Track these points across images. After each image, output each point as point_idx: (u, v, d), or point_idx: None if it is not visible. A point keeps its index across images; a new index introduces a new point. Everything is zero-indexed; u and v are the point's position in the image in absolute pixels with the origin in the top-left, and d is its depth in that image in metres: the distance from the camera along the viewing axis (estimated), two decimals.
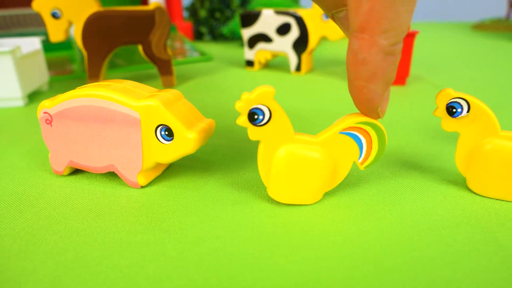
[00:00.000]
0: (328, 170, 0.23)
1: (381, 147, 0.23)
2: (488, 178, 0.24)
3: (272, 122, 0.22)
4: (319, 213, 0.23)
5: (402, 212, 0.23)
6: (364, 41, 0.19)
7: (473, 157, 0.24)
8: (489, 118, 0.23)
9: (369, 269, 0.18)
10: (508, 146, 0.23)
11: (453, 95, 0.23)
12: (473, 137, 0.24)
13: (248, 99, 0.21)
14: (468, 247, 0.20)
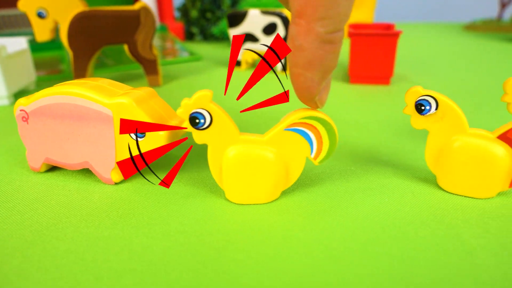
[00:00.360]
0: (278, 167, 0.23)
1: (332, 141, 0.23)
2: (456, 176, 0.24)
3: (214, 125, 0.22)
4: (283, 210, 0.23)
5: (369, 209, 0.23)
6: (301, 27, 0.18)
7: (442, 155, 0.25)
8: (457, 115, 0.24)
9: (328, 264, 0.19)
10: (476, 143, 0.24)
11: (421, 93, 0.24)
12: (442, 134, 0.24)
13: (187, 104, 0.21)
14: (430, 243, 0.20)
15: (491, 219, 0.22)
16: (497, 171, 0.23)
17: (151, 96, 0.26)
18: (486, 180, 0.24)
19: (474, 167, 0.24)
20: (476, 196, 0.24)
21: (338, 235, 0.21)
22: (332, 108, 0.42)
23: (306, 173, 0.27)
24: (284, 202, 0.24)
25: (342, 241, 0.20)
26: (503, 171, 0.23)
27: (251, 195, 0.24)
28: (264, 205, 0.24)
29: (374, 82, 0.51)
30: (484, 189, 0.24)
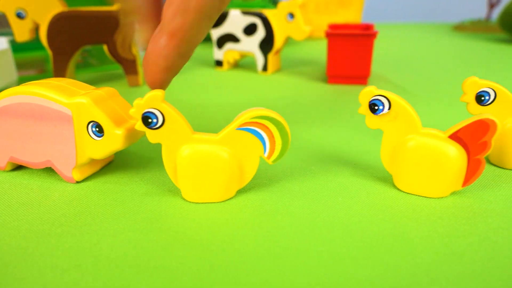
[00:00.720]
0: (231, 166, 0.23)
1: (284, 141, 0.24)
2: (410, 175, 0.25)
3: (166, 124, 0.23)
4: (236, 208, 0.24)
5: (320, 208, 0.24)
6: None
7: (396, 155, 0.25)
8: (410, 115, 0.24)
9: (272, 263, 0.19)
10: (428, 143, 0.24)
11: (374, 93, 0.24)
12: (396, 134, 0.25)
13: (139, 104, 0.22)
14: (374, 242, 0.20)
15: (440, 218, 0.23)
16: (449, 171, 0.24)
17: (111, 96, 0.27)
18: (439, 179, 0.24)
19: (426, 167, 0.24)
20: (430, 196, 0.25)
21: (285, 234, 0.21)
22: (307, 108, 0.43)
23: (265, 172, 0.28)
24: (238, 200, 0.24)
25: (288, 240, 0.21)
26: (455, 170, 0.24)
27: (206, 193, 0.24)
28: (218, 204, 0.24)
29: (352, 82, 0.51)
30: (437, 189, 0.24)
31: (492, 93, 0.27)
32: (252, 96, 0.48)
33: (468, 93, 0.28)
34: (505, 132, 0.28)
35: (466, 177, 0.24)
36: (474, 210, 0.23)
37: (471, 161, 0.24)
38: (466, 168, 0.24)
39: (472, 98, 0.28)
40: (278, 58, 0.59)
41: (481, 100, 0.28)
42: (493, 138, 0.23)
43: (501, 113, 0.28)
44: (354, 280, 0.18)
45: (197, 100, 0.46)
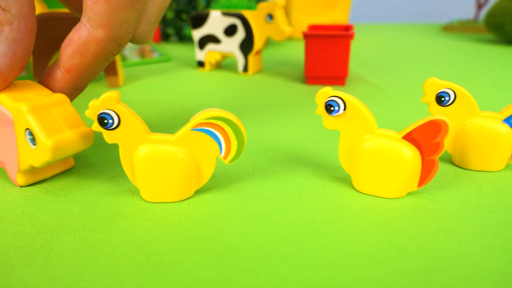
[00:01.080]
0: (187, 166, 0.24)
1: (240, 141, 0.24)
2: (367, 176, 0.25)
3: (122, 125, 0.23)
4: (192, 208, 0.24)
5: (275, 208, 0.24)
6: None
7: (353, 155, 0.25)
8: (364, 116, 0.24)
9: (217, 262, 0.19)
10: (383, 144, 0.24)
11: (330, 94, 0.24)
12: (352, 135, 0.25)
13: (94, 106, 0.22)
14: (324, 242, 0.21)
15: (392, 219, 0.23)
16: (403, 172, 0.24)
17: (57, 104, 0.26)
18: (394, 180, 0.24)
19: (381, 168, 0.24)
20: (386, 196, 0.25)
21: (235, 234, 0.22)
22: (281, 109, 0.43)
23: (227, 173, 0.28)
24: (195, 200, 0.25)
25: (237, 239, 0.21)
26: (409, 171, 0.24)
27: (163, 193, 0.24)
28: (175, 203, 0.24)
29: (330, 83, 0.52)
30: (393, 190, 0.25)
31: (452, 94, 0.28)
32: (229, 97, 0.48)
33: (428, 93, 0.28)
34: (465, 132, 0.28)
35: (421, 178, 0.24)
36: (428, 211, 0.24)
37: (425, 162, 0.24)
38: (420, 169, 0.24)
39: (433, 99, 0.28)
40: (259, 59, 0.59)
41: (441, 100, 0.28)
42: (445, 138, 0.23)
43: (462, 113, 0.28)
44: (297, 280, 0.18)
45: (176, 101, 0.47)
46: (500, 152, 0.28)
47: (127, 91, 0.51)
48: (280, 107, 0.43)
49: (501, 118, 0.28)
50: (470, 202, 0.24)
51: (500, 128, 0.28)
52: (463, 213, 0.23)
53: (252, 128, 0.37)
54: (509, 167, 0.29)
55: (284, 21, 0.52)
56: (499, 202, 0.24)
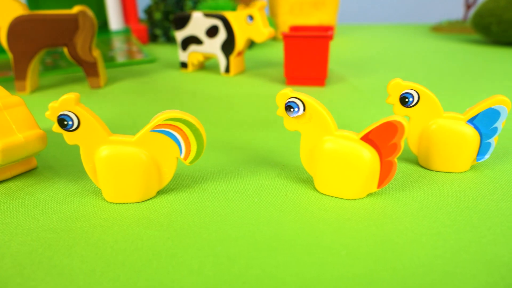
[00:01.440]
0: (147, 167, 0.24)
1: (199, 142, 0.24)
2: (326, 177, 0.25)
3: (82, 126, 0.23)
4: (152, 209, 0.24)
5: (234, 208, 0.24)
6: None
7: (313, 156, 0.25)
8: (323, 117, 0.25)
9: (166, 262, 0.20)
10: (342, 145, 0.24)
11: (289, 95, 0.25)
12: (312, 136, 0.25)
13: (53, 107, 0.22)
14: (275, 243, 0.21)
15: (348, 220, 0.23)
16: (362, 173, 0.24)
17: (10, 106, 0.26)
18: (353, 181, 0.24)
19: (340, 169, 0.24)
20: (346, 197, 0.25)
21: (188, 234, 0.22)
22: (256, 110, 0.43)
23: (192, 173, 0.28)
24: (156, 201, 0.25)
25: (190, 239, 0.21)
26: (367, 172, 0.24)
27: (124, 194, 0.24)
28: (136, 204, 0.25)
29: (309, 84, 0.52)
30: (352, 191, 0.25)
31: (416, 95, 0.28)
32: (204, 98, 0.48)
33: (392, 94, 0.29)
34: (430, 134, 0.28)
35: (380, 179, 0.25)
36: (385, 212, 0.24)
37: (383, 163, 0.24)
38: (379, 170, 0.24)
39: (397, 100, 0.28)
40: (241, 60, 0.60)
41: (405, 101, 0.28)
42: (402, 139, 0.23)
43: (426, 114, 0.28)
44: (243, 280, 0.18)
45: (155, 101, 0.47)
46: (464, 153, 0.28)
47: (108, 92, 0.51)
48: (255, 108, 0.44)
49: (465, 119, 0.28)
50: (429, 203, 0.24)
51: (464, 129, 0.28)
52: (420, 214, 0.23)
53: (222, 129, 0.38)
54: (474, 168, 0.29)
55: (264, 23, 0.52)
56: (458, 203, 0.24)
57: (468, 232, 0.22)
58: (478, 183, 0.27)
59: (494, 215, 0.23)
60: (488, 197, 0.25)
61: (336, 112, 0.42)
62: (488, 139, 0.28)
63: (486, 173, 0.28)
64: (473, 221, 0.23)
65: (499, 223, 0.22)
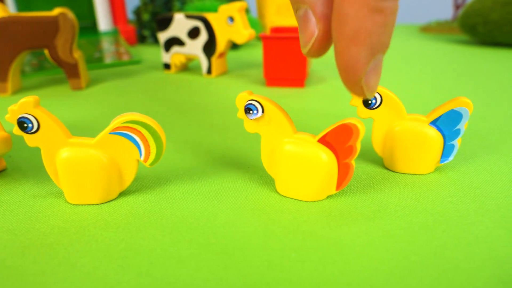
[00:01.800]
0: (108, 169, 0.24)
1: (158, 144, 0.24)
2: (286, 179, 0.25)
3: (42, 129, 0.23)
4: (111, 211, 0.25)
5: (191, 210, 0.24)
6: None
7: (273, 158, 0.26)
8: (282, 120, 0.25)
9: (117, 264, 0.20)
10: (300, 147, 0.24)
11: (248, 98, 0.25)
12: (271, 138, 0.25)
13: (12, 110, 0.23)
14: (226, 246, 0.21)
15: (303, 222, 0.23)
16: (319, 175, 0.24)
17: None
18: (311, 183, 0.25)
19: (299, 171, 0.25)
20: (306, 199, 0.25)
21: (143, 236, 0.22)
22: (230, 112, 0.43)
23: (157, 175, 0.29)
24: (117, 202, 0.25)
25: (144, 241, 0.22)
26: (325, 174, 0.24)
27: (85, 195, 0.25)
28: (97, 205, 0.25)
29: (289, 85, 0.52)
30: (311, 193, 0.25)
31: (378, 97, 0.28)
32: (184, 100, 0.48)
33: (356, 96, 0.29)
34: (394, 135, 0.28)
35: (338, 181, 0.25)
36: (342, 214, 0.24)
37: (340, 165, 0.25)
38: (337, 172, 0.25)
39: (360, 102, 0.29)
40: (223, 61, 0.60)
41: (368, 104, 0.29)
42: (358, 142, 0.24)
43: (389, 116, 0.29)
44: (191, 282, 0.19)
45: (135, 102, 0.47)
46: (427, 155, 0.28)
47: (89, 93, 0.51)
48: (230, 110, 0.44)
49: (428, 121, 0.28)
50: (388, 205, 0.25)
51: (426, 131, 0.28)
52: (377, 216, 0.24)
53: (195, 130, 0.38)
54: (438, 170, 0.29)
55: (244, 24, 0.53)
56: (416, 206, 0.25)
57: (422, 234, 0.22)
58: (439, 185, 0.27)
59: (450, 218, 0.23)
60: (447, 199, 0.25)
61: (313, 113, 0.42)
62: (451, 141, 0.28)
63: (449, 175, 0.28)
64: (429, 223, 0.23)
65: (454, 225, 0.23)
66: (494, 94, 0.49)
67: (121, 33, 0.86)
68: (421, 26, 1.09)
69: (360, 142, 0.24)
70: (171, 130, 0.38)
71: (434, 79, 0.56)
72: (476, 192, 0.26)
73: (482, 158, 0.31)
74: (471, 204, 0.25)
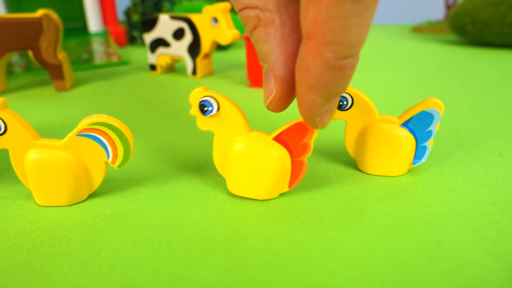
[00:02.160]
0: (76, 171, 0.24)
1: (125, 146, 0.24)
2: (240, 178, 0.25)
3: (9, 131, 0.23)
4: (78, 213, 0.25)
5: (157, 213, 0.24)
6: (309, 49, 0.17)
7: (226, 157, 0.25)
8: (238, 117, 0.24)
9: (80, 266, 0.20)
10: (254, 145, 0.24)
11: (203, 94, 0.24)
12: (225, 136, 0.25)
13: None
14: (185, 249, 0.21)
15: (267, 225, 0.23)
16: (274, 173, 0.24)
17: None
18: (264, 182, 0.25)
19: (252, 169, 0.24)
20: (258, 198, 0.25)
21: (107, 238, 0.22)
22: None
23: (130, 176, 0.29)
24: (85, 204, 0.25)
25: (104, 243, 0.22)
26: (279, 172, 0.24)
27: (54, 197, 0.25)
28: (65, 207, 0.25)
29: None
30: (264, 191, 0.25)
31: (350, 98, 0.28)
32: (165, 101, 0.48)
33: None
34: (365, 137, 0.28)
35: (291, 179, 0.25)
36: (309, 217, 0.24)
37: (294, 163, 0.25)
38: (290, 170, 0.25)
39: None
40: (208, 62, 0.60)
41: (340, 105, 0.29)
42: (312, 140, 0.24)
43: (361, 117, 0.29)
44: (145, 283, 0.19)
45: (118, 103, 0.47)
46: (400, 156, 0.28)
47: (73, 95, 0.51)
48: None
49: (399, 123, 0.28)
50: (356, 207, 0.25)
51: (398, 132, 0.28)
52: (343, 218, 0.24)
53: (172, 131, 0.38)
54: (411, 172, 0.29)
55: (229, 25, 0.53)
56: (384, 208, 0.25)
57: (386, 237, 0.22)
58: (411, 188, 0.27)
59: (417, 220, 0.23)
60: (417, 202, 0.25)
61: (293, 113, 0.42)
62: (424, 142, 0.28)
63: (422, 177, 0.28)
64: (395, 226, 0.23)
65: (420, 228, 0.23)
66: (478, 94, 0.49)
67: (111, 34, 0.86)
68: (413, 27, 1.09)
69: (314, 140, 0.24)
70: (147, 132, 0.38)
71: (420, 80, 0.56)
72: (447, 194, 0.26)
73: (457, 159, 0.31)
74: (440, 207, 0.25)
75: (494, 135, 0.36)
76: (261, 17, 0.19)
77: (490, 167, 0.30)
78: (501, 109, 0.43)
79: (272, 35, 0.19)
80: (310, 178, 0.29)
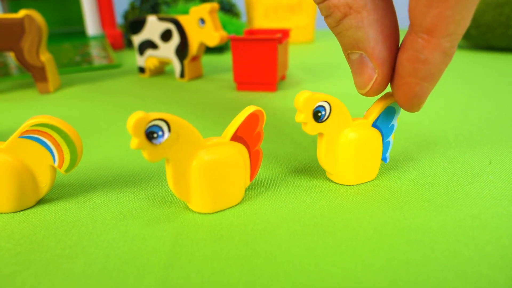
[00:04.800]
0: (19, 175, 0.23)
1: (72, 149, 0.23)
2: (213, 192, 0.23)
3: None
4: (21, 219, 0.23)
5: (105, 222, 0.23)
6: (429, 43, 0.19)
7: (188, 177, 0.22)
8: (192, 131, 0.21)
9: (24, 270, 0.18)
10: (212, 159, 0.22)
11: (148, 119, 0.19)
12: (182, 157, 0.21)
13: None
14: (129, 263, 0.20)
15: (214, 241, 0.21)
16: (237, 173, 0.23)
17: None
18: (230, 188, 0.23)
19: (221, 178, 0.23)
20: (235, 204, 0.24)
21: (43, 249, 0.20)
22: (198, 119, 0.42)
23: (84, 182, 0.27)
24: (32, 211, 0.24)
25: (45, 255, 0.20)
26: (241, 171, 0.23)
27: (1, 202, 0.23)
28: (9, 214, 0.23)
29: (260, 89, 0.50)
30: (233, 198, 0.24)
31: (327, 106, 0.26)
32: (146, 104, 0.47)
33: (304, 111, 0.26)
34: (343, 146, 0.26)
35: (251, 171, 0.24)
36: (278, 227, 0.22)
37: (252, 154, 0.24)
38: (249, 163, 0.24)
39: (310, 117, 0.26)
40: (198, 65, 0.58)
41: (318, 116, 0.26)
42: (262, 126, 0.24)
43: (338, 126, 0.26)
44: None
45: (96, 107, 0.46)
46: (377, 158, 0.26)
47: (57, 97, 0.50)
48: (191, 116, 0.42)
49: (370, 123, 0.26)
50: (323, 219, 0.23)
51: (373, 133, 0.26)
52: (308, 231, 0.22)
53: None
54: (378, 177, 0.27)
55: (216, 26, 0.51)
56: (350, 220, 0.23)
57: (348, 251, 0.20)
58: (380, 196, 0.25)
59: (387, 234, 0.21)
60: (386, 213, 0.23)
61: (282, 119, 0.40)
62: (388, 137, 0.27)
63: (394, 185, 0.26)
64: (358, 239, 0.21)
65: (384, 243, 0.20)
66: (482, 99, 0.46)
67: (107, 37, 0.85)
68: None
69: (263, 126, 0.23)
70: (119, 135, 0.36)
71: None
72: (423, 205, 0.24)
73: (441, 166, 0.29)
74: (414, 220, 0.22)
75: (486, 142, 0.33)
76: (351, 4, 0.20)
77: (477, 176, 0.27)
78: (504, 115, 0.41)
79: (366, 20, 0.20)
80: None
